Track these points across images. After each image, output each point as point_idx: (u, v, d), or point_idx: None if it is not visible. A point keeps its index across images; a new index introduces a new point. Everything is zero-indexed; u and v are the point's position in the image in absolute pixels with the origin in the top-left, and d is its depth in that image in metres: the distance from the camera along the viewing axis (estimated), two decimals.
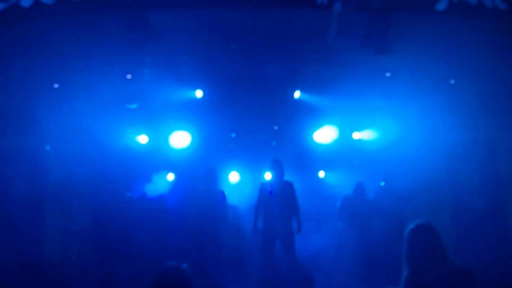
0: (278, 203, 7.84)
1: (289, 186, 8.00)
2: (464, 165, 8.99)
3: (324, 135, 11.00)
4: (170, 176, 11.01)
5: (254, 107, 10.22)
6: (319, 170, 11.32)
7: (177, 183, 10.74)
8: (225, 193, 8.20)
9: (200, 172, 8.37)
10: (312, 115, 10.61)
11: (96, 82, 8.93)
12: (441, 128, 9.33)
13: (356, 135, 11.17)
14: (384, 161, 10.05)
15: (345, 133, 11.01)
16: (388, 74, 9.72)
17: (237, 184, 10.80)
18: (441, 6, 5.86)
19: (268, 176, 9.05)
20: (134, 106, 10.42)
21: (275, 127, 11.24)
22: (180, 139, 10.70)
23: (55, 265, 7.01)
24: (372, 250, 8.08)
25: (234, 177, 10.93)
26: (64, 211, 7.97)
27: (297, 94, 10.51)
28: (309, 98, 10.47)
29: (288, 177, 8.17)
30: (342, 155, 10.84)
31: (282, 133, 11.16)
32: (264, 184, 8.17)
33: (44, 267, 6.86)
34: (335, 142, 10.95)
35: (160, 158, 10.79)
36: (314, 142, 11.08)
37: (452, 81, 9.27)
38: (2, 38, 6.51)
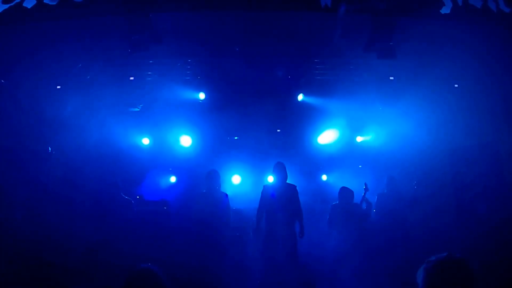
0: (280, 206, 7.80)
1: (292, 189, 7.96)
2: (468, 169, 8.95)
3: (328, 138, 11.01)
4: (173, 179, 11.04)
5: (257, 110, 10.22)
6: (322, 173, 11.33)
7: (179, 185, 10.76)
8: (228, 195, 8.17)
9: (202, 174, 8.34)
10: (315, 118, 10.62)
11: (99, 84, 8.95)
12: (445, 133, 9.30)
13: (359, 139, 11.19)
14: (387, 165, 10.04)
15: (348, 136, 11.01)
16: (391, 78, 9.72)
17: (240, 187, 10.79)
18: (446, 9, 5.83)
19: (271, 178, 9.02)
20: (137, 108, 10.45)
21: (278, 130, 11.25)
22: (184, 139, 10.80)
23: (56, 268, 6.99)
24: (370, 253, 8.04)
25: (236, 179, 10.94)
26: (66, 213, 7.95)
27: (300, 97, 10.52)
28: (313, 101, 10.49)
29: (291, 180, 8.13)
30: (345, 158, 10.84)
31: (285, 136, 11.16)
32: (266, 187, 8.13)
33: (45, 269, 6.85)
34: (339, 145, 10.95)
35: (162, 160, 10.82)
36: (317, 144, 11.09)
37: (456, 85, 9.26)
38: (4, 38, 6.52)
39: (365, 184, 8.72)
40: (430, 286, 2.75)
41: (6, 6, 4.95)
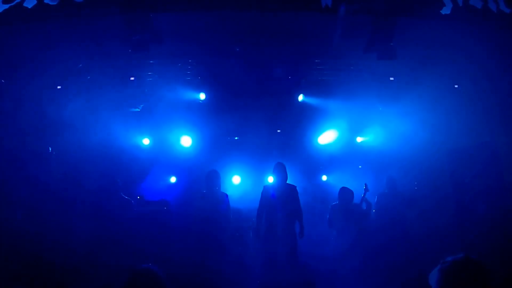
0: (280, 206, 7.80)
1: (292, 190, 7.96)
2: (468, 169, 8.95)
3: (328, 138, 11.02)
4: (173, 179, 11.05)
5: (258, 110, 10.23)
6: (322, 173, 11.34)
7: (180, 186, 10.76)
8: (228, 195, 8.17)
9: (202, 174, 8.34)
10: (315, 119, 10.63)
11: (99, 84, 8.95)
12: (445, 133, 9.30)
13: (359, 139, 11.20)
14: (387, 165, 10.04)
15: (348, 137, 11.02)
16: (391, 78, 9.72)
17: (240, 187, 10.79)
18: (446, 10, 5.83)
19: (271, 179, 9.03)
20: (137, 109, 10.45)
21: (278, 130, 11.26)
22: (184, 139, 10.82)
23: (56, 268, 6.99)
24: (370, 253, 8.05)
25: (236, 179, 10.94)
26: (66, 213, 7.96)
27: (300, 98, 10.53)
28: (313, 101, 10.49)
29: (291, 180, 8.13)
30: (346, 158, 10.85)
31: (286, 136, 11.17)
32: (267, 187, 8.13)
33: (45, 269, 6.85)
34: (339, 145, 10.96)
35: (163, 161, 10.82)
36: (318, 145, 11.10)
37: (456, 86, 9.27)
38: (5, 38, 6.53)
39: (365, 185, 8.73)
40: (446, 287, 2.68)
41: (7, 6, 4.94)
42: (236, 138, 11.42)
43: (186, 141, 10.89)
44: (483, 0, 5.55)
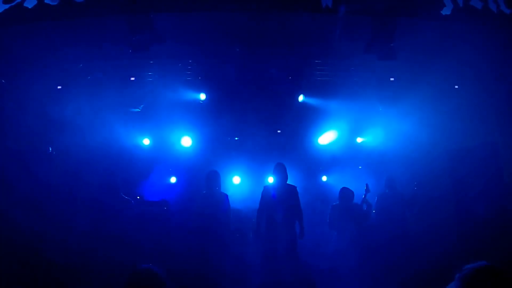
0: (281, 207, 7.80)
1: (292, 190, 7.96)
2: (468, 170, 8.95)
3: (328, 138, 11.02)
4: (173, 179, 11.04)
5: (258, 111, 10.23)
6: (323, 173, 11.33)
7: (180, 186, 10.75)
8: (228, 195, 8.17)
9: (203, 175, 8.34)
10: (315, 119, 10.62)
11: (100, 84, 8.95)
12: (445, 133, 9.30)
13: (359, 139, 11.19)
14: (387, 165, 10.04)
15: (348, 137, 11.01)
16: (392, 79, 9.72)
17: (240, 187, 10.79)
18: (446, 10, 5.84)
19: (271, 179, 9.02)
20: (138, 109, 10.45)
21: (279, 131, 11.26)
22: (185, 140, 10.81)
23: (56, 268, 7.00)
24: (370, 252, 8.06)
25: (237, 180, 10.94)
26: (66, 213, 7.96)
27: (300, 98, 10.53)
28: (313, 102, 10.49)
29: (291, 180, 8.13)
30: (346, 159, 10.84)
31: (286, 137, 11.16)
32: (267, 188, 8.13)
33: (45, 269, 6.85)
34: (339, 146, 10.96)
35: (163, 161, 10.82)
36: (318, 145, 11.09)
37: (457, 86, 9.26)
38: (5, 38, 6.53)
39: (366, 185, 8.73)
40: None
41: (7, 6, 4.95)
42: (236, 138, 11.42)
43: (186, 141, 10.88)
44: (483, 0, 5.56)
